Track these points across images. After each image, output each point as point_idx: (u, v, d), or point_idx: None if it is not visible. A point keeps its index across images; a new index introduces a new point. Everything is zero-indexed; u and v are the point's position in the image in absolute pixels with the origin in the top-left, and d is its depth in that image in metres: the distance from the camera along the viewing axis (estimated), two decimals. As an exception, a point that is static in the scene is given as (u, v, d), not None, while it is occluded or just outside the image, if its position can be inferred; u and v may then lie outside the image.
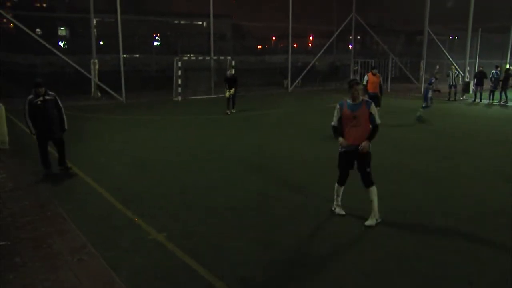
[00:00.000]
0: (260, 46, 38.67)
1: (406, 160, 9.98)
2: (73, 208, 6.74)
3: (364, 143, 6.06)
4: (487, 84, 23.16)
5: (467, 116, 17.97)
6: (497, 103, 22.01)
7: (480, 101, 22.79)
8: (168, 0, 30.40)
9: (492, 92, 22.66)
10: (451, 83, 23.09)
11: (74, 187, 7.93)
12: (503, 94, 22.08)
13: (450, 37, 33.10)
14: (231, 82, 17.03)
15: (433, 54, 28.24)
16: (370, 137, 6.13)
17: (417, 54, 28.52)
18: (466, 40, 26.07)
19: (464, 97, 24.34)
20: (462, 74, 25.86)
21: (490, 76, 22.88)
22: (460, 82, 22.93)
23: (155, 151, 10.74)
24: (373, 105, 6.24)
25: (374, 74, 15.35)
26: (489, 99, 22.64)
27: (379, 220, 6.16)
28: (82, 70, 21.18)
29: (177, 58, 22.67)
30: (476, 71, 24.96)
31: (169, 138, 12.65)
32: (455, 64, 25.43)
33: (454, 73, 23.20)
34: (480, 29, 27.59)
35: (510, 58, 29.71)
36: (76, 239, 5.62)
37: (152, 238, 5.66)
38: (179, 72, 22.25)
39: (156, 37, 32.03)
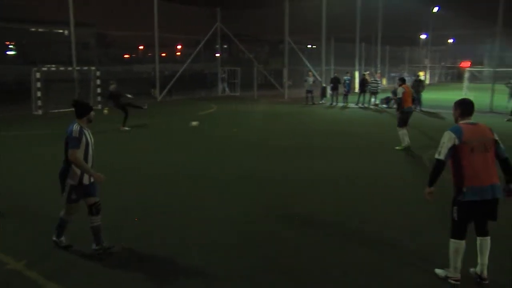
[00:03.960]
0: (128, 56, 37.83)
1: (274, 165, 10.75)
2: None
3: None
4: (341, 89, 25.61)
5: (324, 118, 19.71)
6: (356, 106, 24.35)
7: (336, 104, 25.12)
8: (23, 6, 28.23)
9: (345, 95, 25.10)
10: (308, 89, 25.17)
11: None
12: (361, 97, 24.57)
13: (309, 46, 35.69)
14: (117, 97, 15.68)
15: (295, 62, 30.24)
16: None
17: (280, 62, 30.28)
18: (321, 49, 28.47)
19: (322, 101, 26.56)
20: (320, 80, 28.15)
21: (343, 81, 25.42)
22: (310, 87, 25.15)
23: (13, 173, 10.02)
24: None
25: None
26: (344, 102, 25.02)
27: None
28: None
29: (36, 69, 21.24)
30: (332, 77, 27.41)
31: (28, 157, 11.86)
32: (313, 71, 27.58)
33: (311, 79, 25.34)
34: (333, 39, 30.29)
35: (359, 65, 33.01)
36: None
37: (11, 268, 5.36)
38: (38, 84, 20.87)
39: (10, 46, 29.61)
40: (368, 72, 28.27)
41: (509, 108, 20.27)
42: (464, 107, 4.90)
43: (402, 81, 12.79)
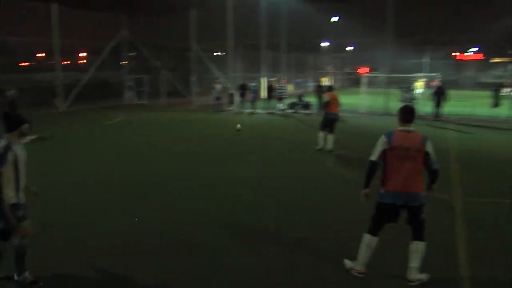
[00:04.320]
0: (28, 63, 35.58)
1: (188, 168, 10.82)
2: None
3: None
4: (249, 95, 26.30)
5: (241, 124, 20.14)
6: (264, 111, 25.12)
7: (244, 110, 25.75)
8: None
9: (253, 102, 25.79)
10: (217, 96, 25.61)
11: None
12: (268, 102, 25.45)
13: (217, 53, 35.96)
14: (15, 105, 14.48)
15: (203, 69, 30.34)
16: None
17: (188, 70, 30.22)
18: (228, 56, 28.93)
19: (231, 107, 27.01)
20: (228, 86, 28.58)
21: (250, 88, 26.14)
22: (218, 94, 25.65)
23: None
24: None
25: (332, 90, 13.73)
26: (251, 108, 25.69)
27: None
28: None
29: None
30: (239, 84, 27.97)
31: None
32: (220, 78, 27.97)
33: (219, 86, 25.82)
34: (240, 46, 30.86)
35: (265, 72, 33.82)
36: None
37: None
38: None
39: None
40: (274, 79, 29.23)
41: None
42: (403, 114, 5.12)
43: (329, 88, 13.92)
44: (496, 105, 22.55)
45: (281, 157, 12.69)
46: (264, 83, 30.72)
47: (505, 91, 25.69)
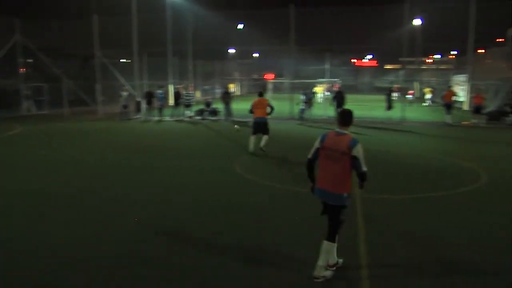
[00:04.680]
0: None
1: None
2: None
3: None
4: (156, 103, 26.05)
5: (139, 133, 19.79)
6: (171, 119, 25.01)
7: (152, 118, 25.43)
8: None
9: (160, 109, 25.55)
10: (124, 103, 25.11)
11: None
12: (176, 110, 25.48)
13: (123, 60, 35.01)
14: None
15: (108, 76, 29.41)
16: None
17: (92, 77, 29.11)
18: (134, 63, 28.39)
19: (138, 115, 26.50)
20: (135, 94, 28.00)
21: (157, 95, 25.93)
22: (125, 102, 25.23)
23: None
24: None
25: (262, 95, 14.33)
26: (159, 116, 25.44)
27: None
28: None
29: None
30: (146, 91, 27.56)
31: None
32: (126, 85, 27.35)
33: (125, 94, 25.34)
34: (146, 53, 30.43)
35: (172, 79, 33.64)
36: None
37: None
38: None
39: None
40: (181, 86, 29.15)
41: (308, 115, 23.48)
42: (339, 117, 5.52)
43: (259, 94, 14.54)
44: (389, 108, 24.45)
45: (195, 163, 12.75)
46: (171, 90, 30.51)
47: (394, 95, 27.98)
